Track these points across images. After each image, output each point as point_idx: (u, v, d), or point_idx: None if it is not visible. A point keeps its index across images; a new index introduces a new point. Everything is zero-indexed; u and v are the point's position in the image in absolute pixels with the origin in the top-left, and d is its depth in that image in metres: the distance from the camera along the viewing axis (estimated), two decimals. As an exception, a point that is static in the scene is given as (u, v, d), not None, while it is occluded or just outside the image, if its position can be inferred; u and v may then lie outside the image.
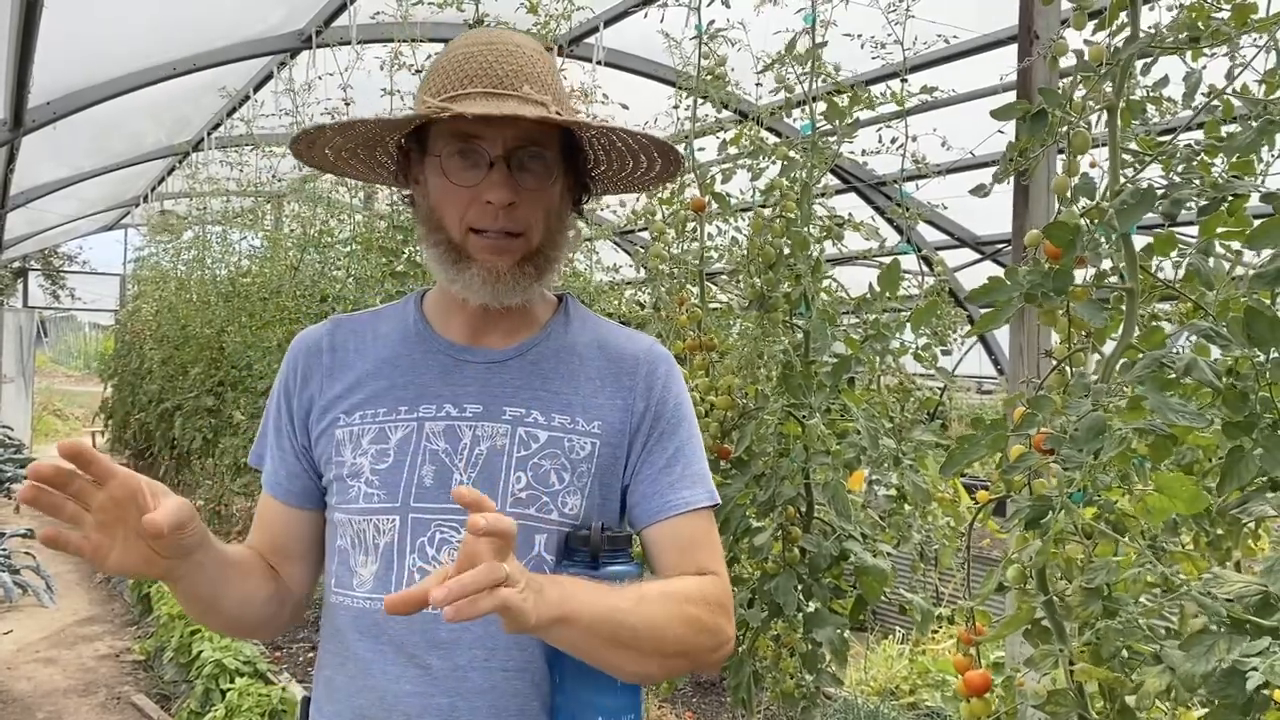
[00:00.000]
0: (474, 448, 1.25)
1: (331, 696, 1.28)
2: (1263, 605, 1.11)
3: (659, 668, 1.20)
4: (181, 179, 9.38)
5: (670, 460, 1.31)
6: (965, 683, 1.54)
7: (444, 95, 1.21)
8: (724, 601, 1.26)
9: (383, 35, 5.36)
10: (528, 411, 1.27)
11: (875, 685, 4.62)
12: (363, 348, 1.34)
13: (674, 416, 1.33)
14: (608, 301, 5.10)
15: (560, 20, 3.56)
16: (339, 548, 1.28)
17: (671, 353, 1.41)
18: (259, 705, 4.00)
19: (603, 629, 1.11)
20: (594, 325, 1.39)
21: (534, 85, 1.22)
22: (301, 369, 1.34)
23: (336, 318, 1.40)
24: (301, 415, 1.33)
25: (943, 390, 2.98)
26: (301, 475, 1.33)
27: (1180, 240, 1.41)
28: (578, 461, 1.27)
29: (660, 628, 1.16)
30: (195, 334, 7.82)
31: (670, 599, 1.19)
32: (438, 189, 1.25)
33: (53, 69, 5.03)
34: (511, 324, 1.33)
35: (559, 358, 1.32)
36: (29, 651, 5.54)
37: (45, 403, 17.57)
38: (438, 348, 1.32)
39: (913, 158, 2.79)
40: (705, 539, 1.30)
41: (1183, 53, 1.40)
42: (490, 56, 1.22)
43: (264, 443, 1.38)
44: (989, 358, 8.93)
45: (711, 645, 1.23)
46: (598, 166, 1.37)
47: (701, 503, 1.30)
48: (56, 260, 18.07)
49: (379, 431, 1.27)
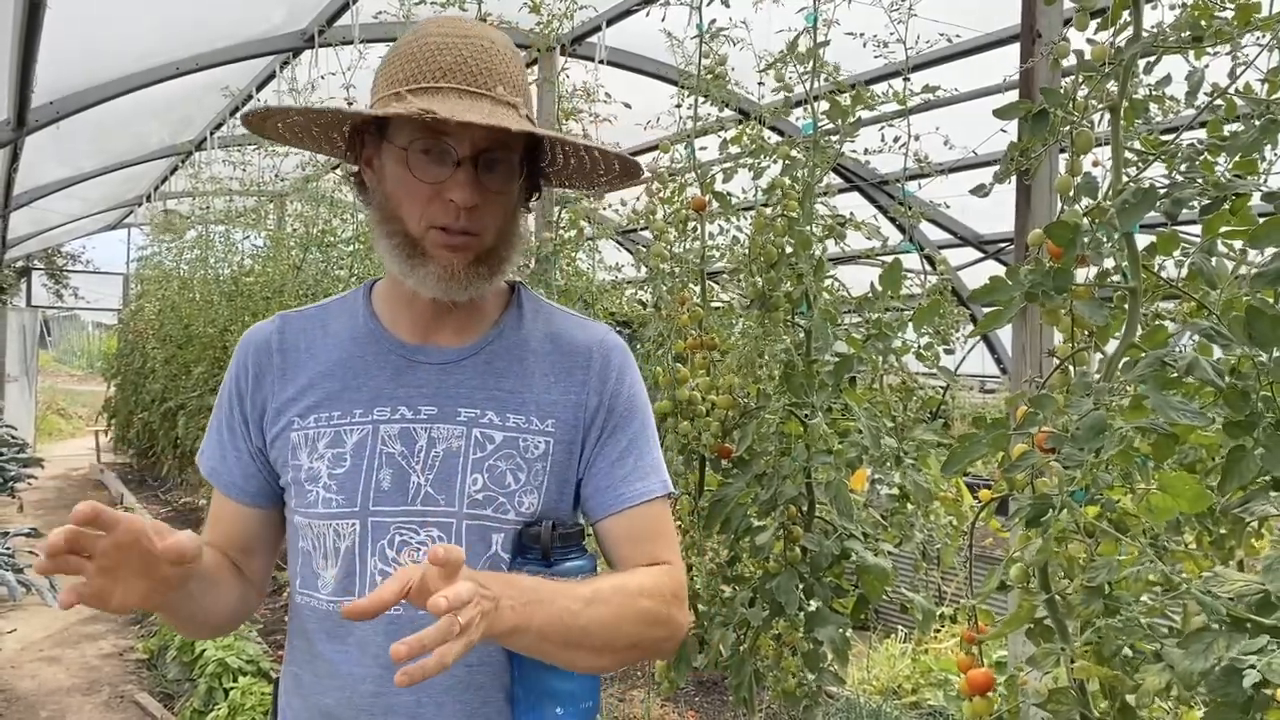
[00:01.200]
0: (430, 450, 1.25)
1: (299, 692, 1.30)
2: (1263, 604, 1.11)
3: (612, 661, 1.22)
4: (184, 178, 9.39)
5: (623, 453, 1.31)
6: (968, 681, 1.54)
7: (413, 85, 1.19)
8: (678, 592, 1.27)
9: (385, 35, 5.37)
10: (482, 412, 1.27)
11: (878, 684, 4.62)
12: (313, 347, 1.33)
13: (627, 409, 1.33)
14: (610, 300, 5.10)
15: (562, 19, 3.56)
16: (301, 549, 1.29)
17: (673, 351, 1.42)
18: (262, 704, 4.00)
19: (554, 632, 1.12)
20: (546, 316, 1.38)
21: (506, 86, 1.21)
22: (252, 369, 1.33)
23: (284, 314, 1.38)
24: (255, 417, 1.32)
25: (945, 389, 2.98)
26: (257, 475, 1.33)
27: (1183, 239, 1.41)
28: (533, 460, 1.27)
29: (612, 625, 1.18)
30: (198, 333, 7.82)
31: (623, 593, 1.20)
32: (397, 180, 1.23)
33: (56, 69, 5.04)
34: (462, 320, 1.32)
35: (512, 355, 1.32)
36: (33, 650, 5.55)
37: (49, 402, 17.59)
38: (389, 347, 1.31)
39: (915, 156, 2.79)
40: (659, 529, 1.31)
41: (1185, 52, 1.40)
42: (465, 51, 1.20)
43: (210, 442, 1.36)
44: (992, 357, 8.93)
45: (664, 635, 1.25)
46: (553, 165, 1.37)
47: (655, 493, 1.31)
48: (60, 260, 18.10)
49: (335, 435, 1.27)
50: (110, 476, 11.08)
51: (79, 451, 13.58)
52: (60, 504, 10.01)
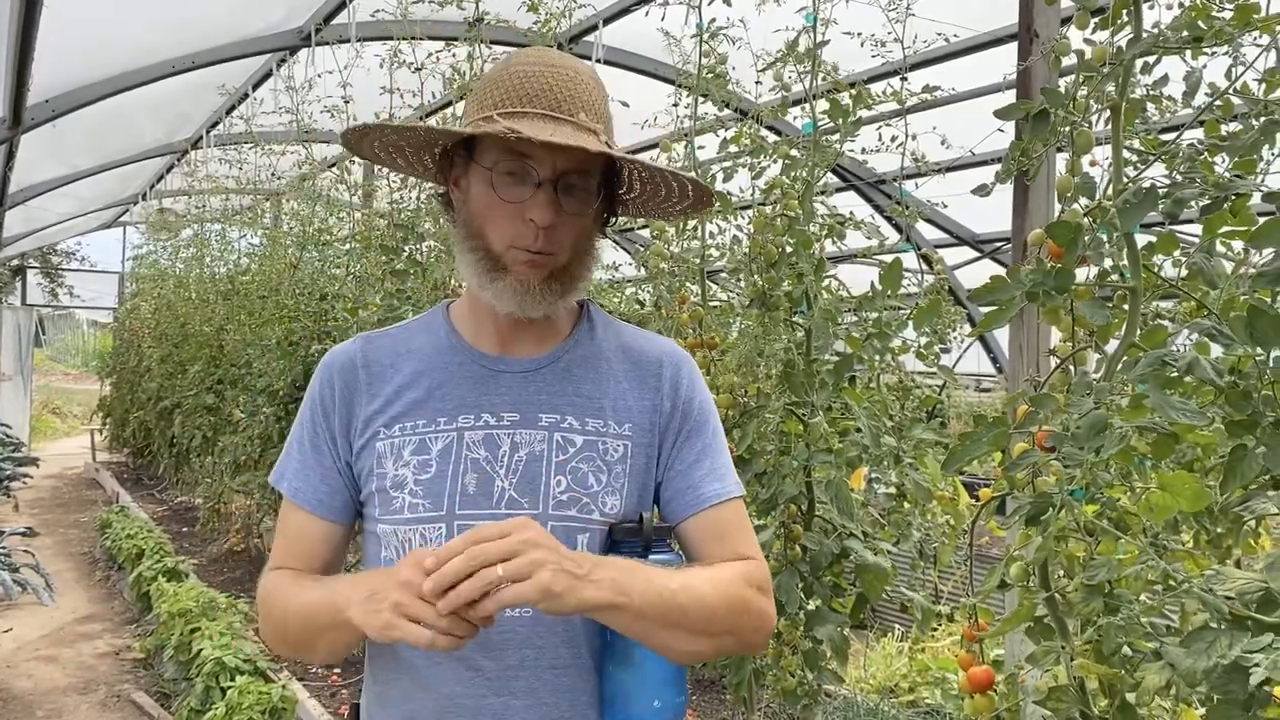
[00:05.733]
0: (513, 454, 1.29)
1: (385, 704, 1.33)
2: (1264, 602, 1.12)
3: (709, 646, 1.25)
4: (180, 177, 9.39)
5: (699, 455, 1.36)
6: (969, 678, 1.55)
7: (502, 110, 1.25)
8: (764, 584, 1.31)
9: (382, 33, 5.36)
10: (562, 417, 1.32)
11: (875, 683, 4.63)
12: (398, 362, 1.38)
13: (700, 414, 1.38)
14: (608, 299, 5.10)
15: (560, 18, 3.56)
16: (384, 559, 1.31)
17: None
18: (259, 703, 4.00)
19: (654, 609, 1.15)
20: (616, 330, 1.44)
21: (589, 113, 1.26)
22: (339, 386, 1.37)
23: (366, 335, 1.43)
24: (343, 431, 1.36)
25: (942, 388, 2.99)
26: (342, 491, 1.36)
27: (1181, 239, 1.41)
28: (613, 463, 1.32)
29: (709, 608, 1.21)
30: (194, 332, 7.82)
31: (717, 582, 1.24)
32: (482, 199, 1.28)
33: (52, 67, 5.03)
34: (539, 333, 1.37)
35: (588, 364, 1.37)
36: (29, 649, 5.55)
37: (44, 401, 17.57)
38: (471, 358, 1.36)
39: (912, 156, 2.80)
40: (740, 527, 1.35)
41: (1183, 52, 1.40)
42: (551, 79, 1.26)
43: (292, 462, 1.39)
44: (988, 356, 8.95)
45: (756, 625, 1.28)
46: (630, 192, 1.42)
47: (733, 493, 1.35)
48: (55, 258, 18.07)
49: (420, 443, 1.31)
50: (106, 475, 11.06)
51: (74, 450, 13.56)
52: (55, 503, 9.99)
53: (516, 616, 1.25)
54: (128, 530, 7.11)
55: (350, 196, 5.95)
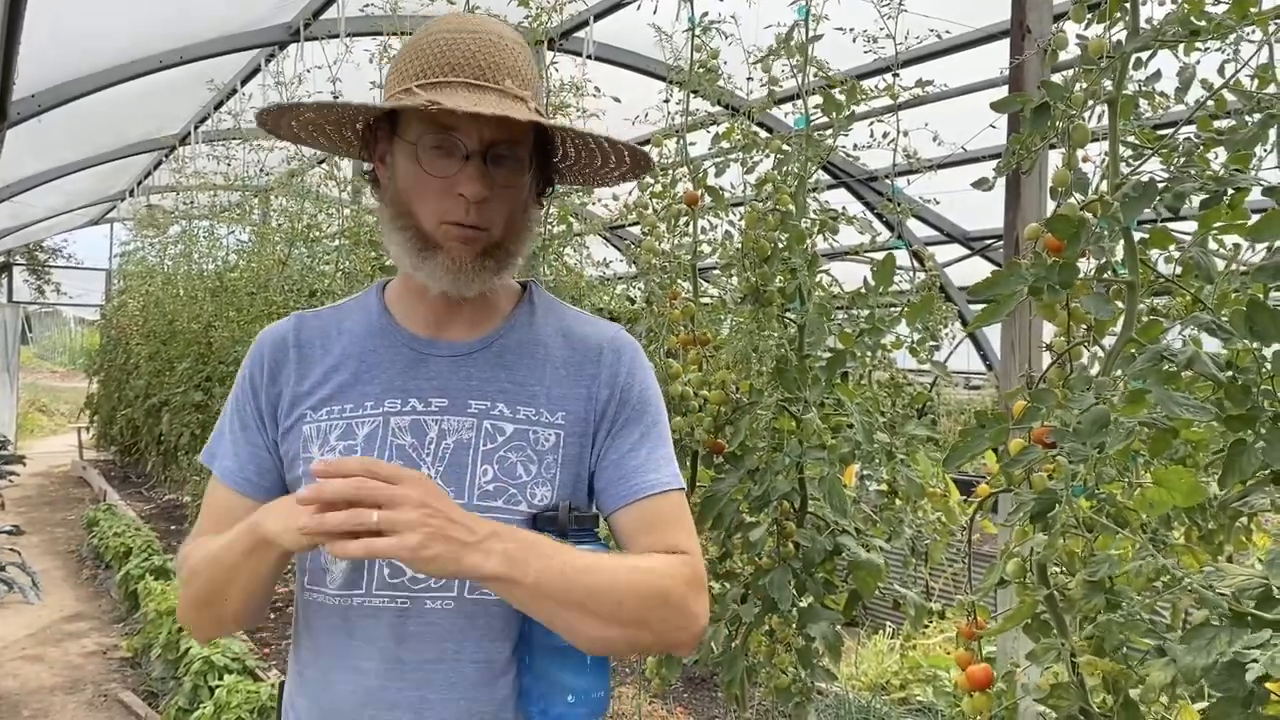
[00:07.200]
0: (440, 441, 1.25)
1: (304, 691, 1.30)
2: (1264, 598, 1.11)
3: (619, 635, 1.17)
4: (168, 173, 9.32)
5: (635, 444, 1.30)
6: (968, 677, 1.54)
7: (423, 80, 1.20)
8: (694, 580, 1.23)
9: (372, 28, 5.31)
10: (493, 404, 1.28)
11: (866, 680, 4.63)
12: (328, 343, 1.34)
13: (639, 402, 1.33)
14: (598, 297, 5.08)
15: (551, 13, 3.54)
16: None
17: (665, 347, 1.41)
18: (247, 702, 3.97)
19: (553, 587, 1.11)
20: (559, 314, 1.39)
21: (515, 79, 1.22)
22: (268, 365, 1.33)
23: (299, 314, 1.39)
24: (270, 410, 1.32)
25: (932, 384, 2.99)
26: (271, 470, 1.33)
27: (1175, 235, 1.41)
28: (544, 453, 1.27)
29: (617, 593, 1.15)
30: (182, 329, 7.77)
31: (634, 570, 1.19)
32: (409, 175, 1.23)
33: (38, 61, 4.98)
34: (474, 314, 1.33)
35: (523, 349, 1.32)
36: (15, 649, 5.50)
37: (31, 399, 17.46)
38: (401, 340, 1.32)
39: (904, 152, 2.79)
40: (676, 520, 1.29)
41: (1177, 47, 1.40)
42: (473, 46, 1.21)
43: (223, 440, 1.35)
44: (978, 353, 8.97)
45: (679, 623, 1.20)
46: (565, 160, 1.37)
47: (669, 485, 1.29)
48: (41, 255, 17.94)
49: (346, 427, 1.27)
50: (93, 473, 11.00)
51: (61, 448, 13.48)
52: (42, 501, 9.93)
53: (437, 609, 1.22)
54: (115, 528, 7.07)
55: (339, 192, 5.92)
